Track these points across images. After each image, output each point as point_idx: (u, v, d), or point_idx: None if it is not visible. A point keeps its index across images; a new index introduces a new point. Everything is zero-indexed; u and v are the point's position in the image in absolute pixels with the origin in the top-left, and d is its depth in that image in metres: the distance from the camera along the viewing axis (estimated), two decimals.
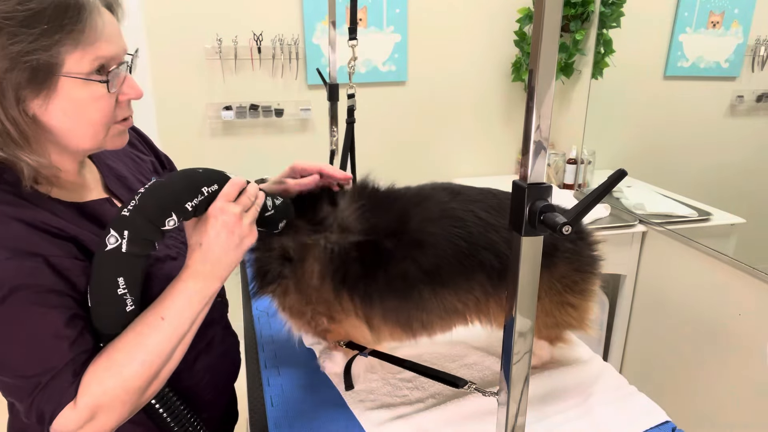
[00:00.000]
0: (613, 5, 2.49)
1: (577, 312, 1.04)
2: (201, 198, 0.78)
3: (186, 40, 2.50)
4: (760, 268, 1.79)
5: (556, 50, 0.56)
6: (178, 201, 0.76)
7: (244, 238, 0.81)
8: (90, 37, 0.73)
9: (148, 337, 0.76)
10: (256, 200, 0.85)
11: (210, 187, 0.80)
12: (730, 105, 2.09)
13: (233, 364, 1.13)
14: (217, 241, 0.78)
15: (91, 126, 0.77)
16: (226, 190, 0.80)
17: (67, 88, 0.73)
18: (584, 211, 0.60)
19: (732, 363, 1.94)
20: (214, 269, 0.79)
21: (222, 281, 0.81)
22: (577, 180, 2.70)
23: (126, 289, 0.76)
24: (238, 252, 0.81)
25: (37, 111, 0.73)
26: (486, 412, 1.01)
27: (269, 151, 2.74)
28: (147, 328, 0.76)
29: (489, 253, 0.95)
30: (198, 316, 0.81)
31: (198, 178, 0.80)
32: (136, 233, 0.74)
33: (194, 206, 0.78)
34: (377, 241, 0.96)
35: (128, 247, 0.74)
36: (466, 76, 2.87)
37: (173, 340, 0.78)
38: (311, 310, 1.01)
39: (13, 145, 0.72)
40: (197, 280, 0.79)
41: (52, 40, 0.70)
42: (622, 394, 1.07)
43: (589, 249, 1.05)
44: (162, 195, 0.76)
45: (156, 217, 0.75)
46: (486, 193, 1.02)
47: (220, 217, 0.78)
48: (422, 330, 1.01)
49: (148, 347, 0.75)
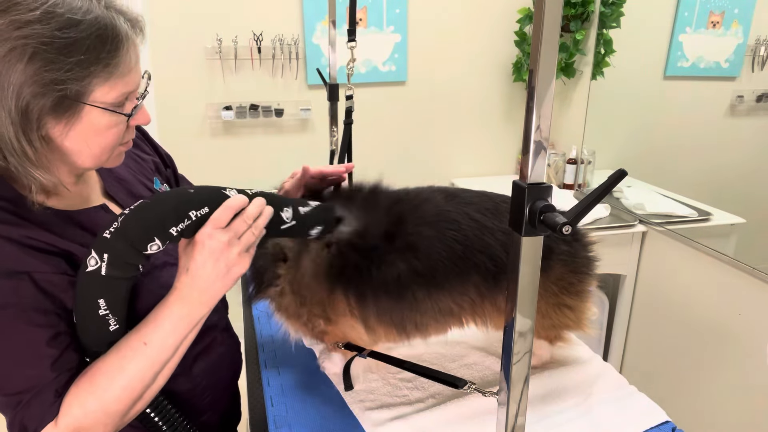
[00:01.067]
0: (613, 5, 2.49)
1: (574, 313, 1.04)
2: (188, 222, 0.75)
3: (186, 40, 2.50)
4: (760, 268, 1.79)
5: (556, 50, 0.56)
6: (162, 225, 0.73)
7: (232, 267, 0.77)
8: (122, 71, 0.73)
9: (131, 362, 0.75)
10: (257, 222, 0.80)
11: (199, 211, 0.75)
12: (730, 105, 2.09)
13: (234, 366, 1.12)
14: (203, 269, 0.75)
15: (100, 149, 0.77)
16: (217, 216, 0.76)
17: (90, 116, 0.73)
18: (584, 211, 0.60)
19: (732, 363, 1.94)
20: (201, 296, 0.77)
21: (209, 308, 0.79)
22: (577, 180, 2.70)
23: (108, 310, 0.74)
24: (226, 280, 0.77)
25: (55, 135, 0.72)
26: (486, 412, 1.01)
27: (269, 151, 2.74)
28: (130, 351, 0.75)
29: (484, 256, 0.95)
30: (183, 342, 0.79)
31: (187, 201, 0.75)
32: (116, 257, 0.72)
33: (180, 231, 0.74)
34: (373, 243, 0.96)
35: (108, 271, 0.71)
36: (466, 77, 2.87)
37: (155, 365, 0.76)
38: (307, 312, 1.01)
39: (29, 164, 0.71)
40: (183, 305, 0.77)
41: (86, 71, 0.69)
42: (622, 394, 1.07)
43: (585, 250, 1.05)
44: (145, 218, 0.73)
45: (137, 241, 0.72)
46: (482, 196, 1.02)
47: (207, 243, 0.75)
48: (417, 331, 1.01)
49: (130, 372, 0.74)
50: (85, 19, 0.68)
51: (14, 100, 0.66)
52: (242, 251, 0.78)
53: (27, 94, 0.67)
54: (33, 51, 0.65)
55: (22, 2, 0.66)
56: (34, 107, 0.68)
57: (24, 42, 0.65)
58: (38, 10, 0.66)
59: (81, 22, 0.68)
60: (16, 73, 0.65)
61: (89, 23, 0.69)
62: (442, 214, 0.97)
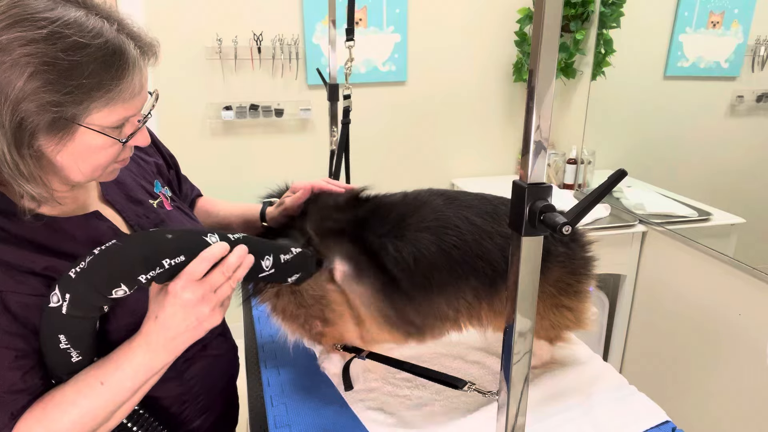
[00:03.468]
0: (613, 5, 2.49)
1: (573, 314, 1.04)
2: (160, 271, 0.70)
3: (186, 40, 2.50)
4: (760, 268, 1.79)
5: (556, 50, 0.56)
6: (130, 272, 0.69)
7: (203, 322, 0.74)
8: (124, 97, 0.71)
9: (85, 398, 0.73)
10: (235, 273, 0.76)
11: (174, 259, 0.71)
12: (730, 105, 2.09)
13: (230, 371, 1.10)
14: (172, 320, 0.72)
15: (92, 168, 0.75)
16: (191, 268, 0.72)
17: (84, 137, 0.71)
18: (584, 211, 0.60)
19: (732, 363, 1.94)
20: (167, 345, 0.74)
21: (174, 356, 0.77)
22: (577, 180, 2.70)
23: (69, 344, 0.72)
24: (196, 333, 0.75)
25: (47, 151, 0.70)
26: (487, 412, 1.01)
27: (269, 151, 2.74)
28: (86, 388, 0.73)
29: (482, 261, 0.95)
30: (143, 387, 0.77)
31: (161, 249, 0.71)
32: (77, 298, 0.69)
33: (150, 278, 0.70)
34: (373, 246, 0.95)
35: (68, 310, 0.69)
36: (466, 76, 2.87)
37: (109, 406, 0.75)
38: (304, 314, 1.01)
39: (20, 177, 0.69)
40: (147, 351, 0.74)
41: (86, 95, 0.68)
42: (622, 394, 1.07)
43: (583, 251, 1.05)
44: (113, 263, 0.70)
45: (101, 286, 0.69)
46: (481, 199, 1.02)
47: (179, 296, 0.71)
48: (415, 335, 1.01)
49: (82, 409, 0.73)
50: (92, 43, 0.67)
51: (9, 115, 0.65)
52: (216, 306, 0.75)
53: (22, 111, 0.65)
54: (34, 70, 0.64)
55: (31, 19, 0.64)
56: (28, 124, 0.66)
57: (27, 60, 0.64)
58: (45, 29, 0.64)
59: (88, 46, 0.66)
60: (14, 89, 0.64)
61: (96, 47, 0.67)
62: (442, 219, 0.97)
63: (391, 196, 1.06)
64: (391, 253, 0.95)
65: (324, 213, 1.01)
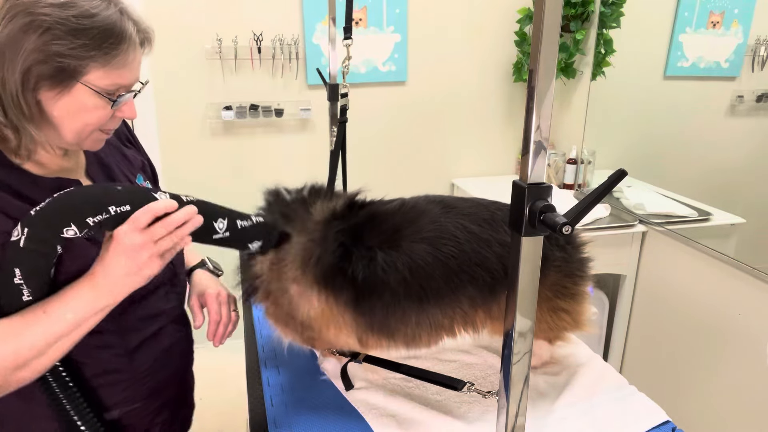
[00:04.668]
0: (613, 5, 2.49)
1: (570, 316, 1.04)
2: (107, 216, 0.78)
3: (186, 40, 2.50)
4: (760, 268, 1.79)
5: (556, 50, 0.56)
6: (80, 214, 0.77)
7: (143, 269, 0.80)
8: (118, 64, 0.84)
9: (26, 327, 0.79)
10: (180, 229, 0.82)
11: (120, 207, 0.78)
12: (730, 105, 2.09)
13: (182, 360, 1.13)
14: (116, 263, 0.79)
15: (82, 125, 0.85)
16: (136, 216, 0.79)
17: (79, 93, 0.82)
18: (584, 211, 0.60)
19: (732, 363, 1.94)
20: (110, 287, 0.81)
21: (116, 299, 0.82)
22: (577, 180, 2.70)
23: (22, 280, 0.77)
24: (137, 278, 0.81)
25: (46, 99, 0.81)
26: (488, 410, 1.01)
27: (269, 151, 2.74)
28: (30, 315, 0.80)
29: (481, 269, 0.95)
30: (82, 325, 0.82)
31: (110, 196, 0.78)
32: (33, 233, 0.76)
33: (97, 222, 0.77)
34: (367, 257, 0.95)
35: (25, 243, 0.76)
36: (466, 76, 2.87)
37: (48, 337, 0.79)
38: (293, 322, 1.01)
39: (23, 118, 0.81)
40: (91, 288, 0.81)
41: (87, 54, 0.80)
42: (623, 395, 1.07)
43: (578, 252, 1.05)
44: (66, 204, 0.77)
45: (54, 223, 0.76)
46: (478, 206, 1.02)
47: (121, 241, 0.78)
48: (409, 344, 1.01)
49: (22, 336, 0.78)
50: (99, 14, 0.81)
51: (21, 62, 0.78)
52: (155, 255, 0.81)
53: (32, 60, 0.78)
54: (47, 27, 0.77)
55: None
56: (34, 71, 0.79)
57: (43, 18, 0.77)
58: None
59: (95, 15, 0.80)
60: (30, 41, 0.77)
61: (102, 18, 0.81)
62: (439, 229, 0.97)
63: (388, 204, 1.04)
64: (387, 264, 0.94)
65: (316, 223, 1.00)
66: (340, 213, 1.00)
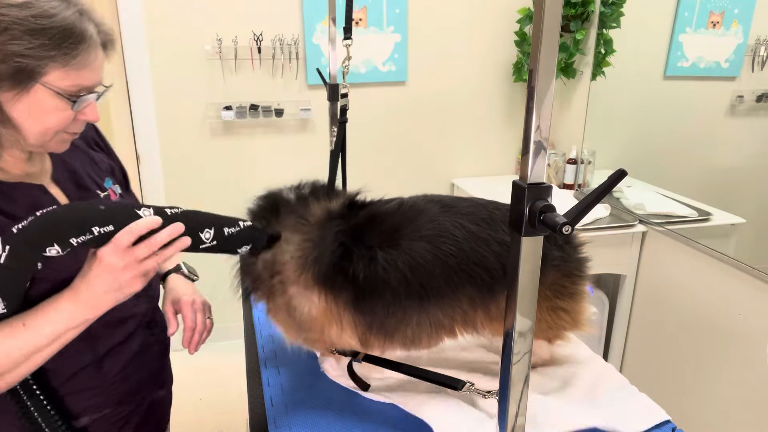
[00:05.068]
0: (613, 5, 2.49)
1: (570, 315, 1.04)
2: (90, 237, 0.78)
3: (186, 40, 2.50)
4: (760, 268, 1.79)
5: (556, 50, 0.56)
6: (62, 234, 0.77)
7: (124, 287, 0.82)
8: (78, 65, 0.82)
9: (5, 339, 0.79)
10: (164, 252, 0.83)
11: (103, 228, 0.79)
12: (730, 105, 2.09)
13: (155, 359, 1.11)
14: (97, 281, 0.81)
15: (43, 128, 0.84)
16: (118, 237, 0.79)
17: (39, 94, 0.81)
18: (584, 211, 0.60)
19: (732, 363, 1.94)
20: (90, 301, 0.82)
21: (96, 314, 0.83)
22: (577, 180, 2.70)
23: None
24: (118, 295, 0.82)
25: (5, 101, 0.80)
26: (489, 406, 1.01)
27: (269, 151, 2.74)
28: (8, 328, 0.80)
29: (479, 268, 0.95)
30: (60, 338, 0.83)
31: (92, 217, 0.79)
32: (14, 251, 0.76)
33: (81, 242, 0.78)
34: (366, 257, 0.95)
35: (5, 261, 0.75)
36: (466, 76, 2.87)
37: (26, 348, 0.80)
38: (293, 322, 1.01)
39: None
40: (71, 302, 0.82)
41: (46, 54, 0.79)
42: (623, 395, 1.07)
43: (576, 252, 1.05)
44: (49, 224, 0.77)
45: (36, 242, 0.77)
46: (476, 205, 1.02)
47: (104, 260, 0.79)
48: (408, 344, 1.01)
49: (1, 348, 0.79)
50: (58, 15, 0.80)
51: None
52: (138, 275, 0.82)
53: None
54: (5, 27, 0.76)
55: None
56: None
57: (0, 18, 0.76)
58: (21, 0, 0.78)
59: (54, 15, 0.79)
60: None
61: (61, 18, 0.80)
62: (438, 228, 0.97)
63: (387, 203, 1.05)
64: (386, 263, 0.94)
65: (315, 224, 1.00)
66: (339, 213, 1.00)
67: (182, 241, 0.84)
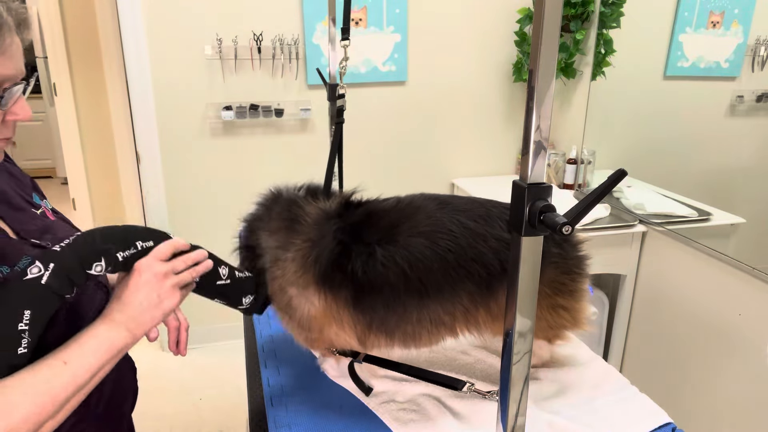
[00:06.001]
0: (613, 5, 2.49)
1: (569, 313, 1.04)
2: (133, 251, 0.80)
3: (186, 40, 2.50)
4: (760, 268, 1.79)
5: (556, 50, 0.56)
6: (110, 248, 0.78)
7: (164, 300, 0.80)
8: None
9: (45, 380, 0.71)
10: (197, 267, 0.84)
11: (145, 243, 0.81)
12: (730, 105, 2.09)
13: (131, 392, 1.07)
14: (135, 296, 0.78)
15: None
16: (159, 249, 0.81)
17: None
18: (584, 211, 0.60)
19: (732, 363, 1.94)
20: (129, 323, 0.78)
21: (135, 338, 0.79)
22: (577, 180, 2.70)
23: (28, 325, 0.71)
24: (156, 312, 0.80)
25: None
26: (489, 405, 1.01)
27: (269, 151, 2.75)
28: (47, 369, 0.72)
29: (477, 265, 0.95)
30: (101, 369, 0.76)
31: (135, 232, 0.81)
32: (61, 268, 0.73)
33: (125, 257, 0.79)
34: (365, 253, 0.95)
35: (48, 280, 0.72)
36: (466, 77, 2.88)
37: (70, 387, 0.72)
38: (293, 323, 1.01)
39: None
40: (110, 328, 0.77)
41: None
42: (624, 396, 1.07)
43: (575, 250, 1.05)
44: (96, 239, 0.78)
45: (85, 257, 0.75)
46: (473, 202, 1.02)
47: (144, 272, 0.78)
48: (408, 342, 1.01)
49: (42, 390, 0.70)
50: None
51: None
52: (176, 285, 0.81)
53: None
54: None
55: None
56: None
57: None
58: None
59: None
60: None
61: None
62: (435, 224, 0.97)
63: (384, 202, 1.05)
64: (385, 259, 0.94)
65: (312, 224, 1.00)
66: (337, 212, 1.01)
67: (207, 263, 0.86)
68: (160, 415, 2.40)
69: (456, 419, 1.00)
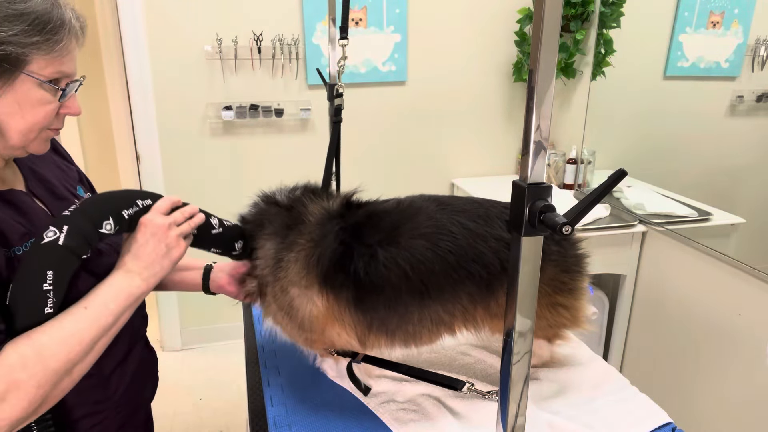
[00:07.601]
0: (613, 5, 2.49)
1: (569, 312, 1.04)
2: (136, 209, 0.87)
3: (186, 40, 2.50)
4: (760, 268, 1.79)
5: (556, 50, 0.56)
6: (115, 208, 0.85)
7: (171, 249, 0.88)
8: (61, 51, 0.80)
9: (71, 324, 0.78)
10: (192, 219, 0.93)
11: (144, 201, 0.89)
12: (730, 105, 2.09)
13: (150, 382, 1.11)
14: (145, 248, 0.86)
15: (28, 124, 0.81)
16: (159, 204, 0.89)
17: (23, 85, 0.78)
18: (584, 211, 0.60)
19: (732, 363, 1.94)
20: (143, 272, 0.85)
21: (149, 287, 0.86)
22: (577, 180, 2.70)
23: (52, 285, 0.77)
24: (166, 261, 0.87)
25: None
26: (489, 405, 1.01)
27: (269, 151, 2.75)
28: (69, 315, 0.79)
29: (477, 265, 0.95)
30: (122, 314, 0.83)
31: (134, 193, 0.89)
32: (74, 229, 0.79)
33: (130, 215, 0.86)
34: (366, 254, 0.95)
35: (65, 240, 0.77)
36: (466, 76, 2.88)
37: (93, 329, 0.79)
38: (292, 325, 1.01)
39: None
40: (125, 277, 0.84)
41: (29, 40, 0.76)
42: (624, 396, 1.07)
43: (574, 248, 1.05)
44: (102, 201, 0.85)
45: (95, 217, 0.82)
46: (473, 203, 1.03)
47: (149, 225, 0.86)
48: (408, 341, 1.01)
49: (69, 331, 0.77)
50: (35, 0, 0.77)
51: None
52: (180, 235, 0.89)
53: None
54: None
55: None
56: None
57: None
58: None
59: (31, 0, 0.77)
60: None
61: (36, 3, 0.77)
62: (436, 225, 0.97)
63: (385, 203, 1.05)
64: (386, 260, 0.94)
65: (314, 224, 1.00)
66: (338, 212, 1.01)
67: (201, 216, 0.94)
68: (160, 415, 2.39)
69: (456, 419, 1.00)
